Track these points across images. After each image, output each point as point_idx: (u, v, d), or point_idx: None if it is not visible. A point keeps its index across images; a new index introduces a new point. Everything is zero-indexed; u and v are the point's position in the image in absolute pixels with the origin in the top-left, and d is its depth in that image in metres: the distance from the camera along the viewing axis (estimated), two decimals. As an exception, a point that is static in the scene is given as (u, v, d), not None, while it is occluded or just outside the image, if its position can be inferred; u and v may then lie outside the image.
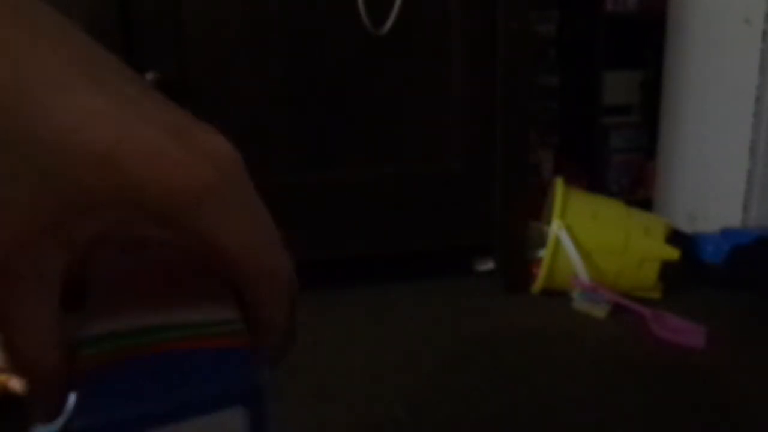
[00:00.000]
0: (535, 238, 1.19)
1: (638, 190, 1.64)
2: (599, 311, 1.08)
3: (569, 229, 1.13)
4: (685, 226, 1.32)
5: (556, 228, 1.13)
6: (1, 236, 0.18)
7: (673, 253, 1.12)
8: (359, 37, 1.06)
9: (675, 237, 1.19)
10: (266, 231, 0.21)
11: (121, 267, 0.24)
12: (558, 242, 1.13)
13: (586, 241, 1.13)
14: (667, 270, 1.13)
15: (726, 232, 1.22)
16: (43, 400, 0.21)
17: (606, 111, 1.65)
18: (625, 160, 1.66)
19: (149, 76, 1.03)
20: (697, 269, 1.21)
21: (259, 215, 0.21)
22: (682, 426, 0.78)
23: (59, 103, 0.17)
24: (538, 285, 1.15)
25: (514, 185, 1.15)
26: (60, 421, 0.22)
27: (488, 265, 1.26)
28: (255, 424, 0.20)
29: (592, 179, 1.62)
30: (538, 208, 1.25)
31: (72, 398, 0.21)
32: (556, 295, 1.15)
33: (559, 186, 1.18)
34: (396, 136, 1.15)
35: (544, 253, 1.14)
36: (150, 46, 1.05)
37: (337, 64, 1.11)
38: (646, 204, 1.45)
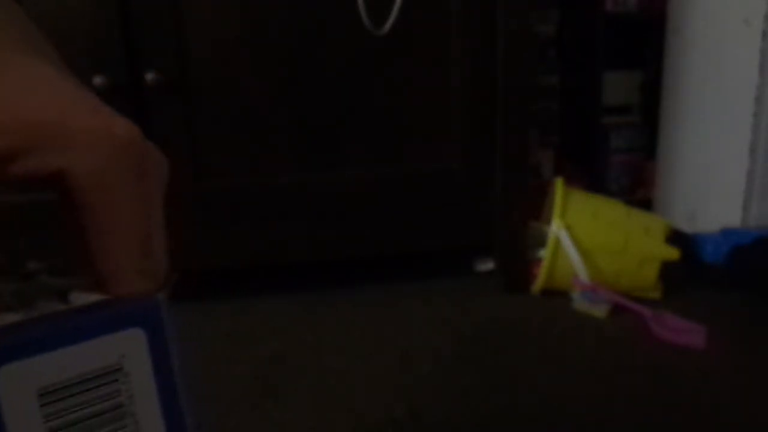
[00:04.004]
0: (535, 238, 1.19)
1: (638, 190, 1.64)
2: (599, 311, 1.08)
3: (569, 229, 1.13)
4: (685, 226, 1.32)
5: (556, 228, 1.13)
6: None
7: (673, 253, 1.12)
8: (359, 37, 1.06)
9: (675, 237, 1.19)
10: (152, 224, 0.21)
11: None
12: (558, 242, 1.13)
13: (586, 241, 1.13)
14: (667, 270, 1.13)
15: (726, 232, 1.22)
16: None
17: (606, 111, 1.65)
18: (625, 160, 1.66)
19: (149, 76, 1.03)
20: (697, 269, 1.20)
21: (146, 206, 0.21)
22: (682, 426, 0.78)
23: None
24: (538, 285, 1.15)
25: (514, 185, 1.15)
26: None
27: (488, 265, 1.26)
28: (155, 346, 0.20)
29: (592, 179, 1.62)
30: (538, 208, 1.25)
31: None
32: (556, 295, 1.15)
33: (559, 186, 1.18)
34: (396, 136, 1.15)
35: (544, 253, 1.14)
36: (150, 46, 1.05)
37: (337, 64, 1.11)
38: (646, 204, 1.45)
